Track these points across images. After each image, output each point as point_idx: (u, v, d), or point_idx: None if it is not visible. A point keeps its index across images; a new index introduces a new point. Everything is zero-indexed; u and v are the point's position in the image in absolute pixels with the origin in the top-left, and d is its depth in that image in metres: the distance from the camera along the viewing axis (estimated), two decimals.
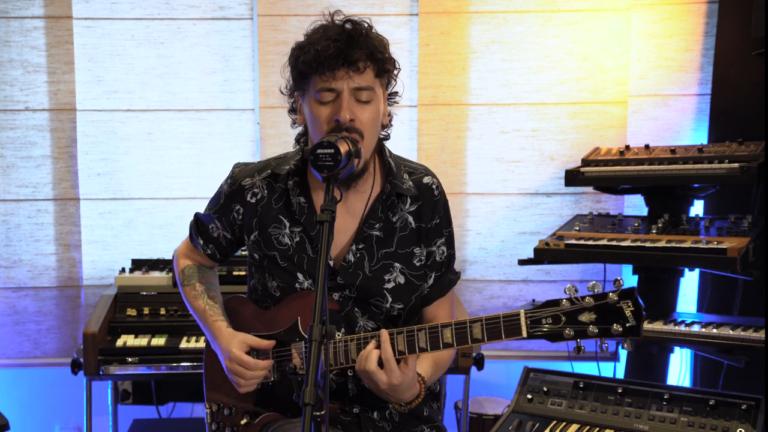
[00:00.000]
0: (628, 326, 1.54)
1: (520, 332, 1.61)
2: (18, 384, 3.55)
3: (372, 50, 1.71)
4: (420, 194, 1.87)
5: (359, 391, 1.87)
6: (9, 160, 3.46)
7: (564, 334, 1.58)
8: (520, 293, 3.51)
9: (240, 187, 1.91)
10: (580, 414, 2.29)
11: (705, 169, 2.73)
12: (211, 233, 2.00)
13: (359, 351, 1.72)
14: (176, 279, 2.09)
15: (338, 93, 1.70)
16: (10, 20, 3.41)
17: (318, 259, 1.50)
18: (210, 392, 2.01)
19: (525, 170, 3.47)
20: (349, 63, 1.68)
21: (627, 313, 1.54)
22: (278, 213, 1.88)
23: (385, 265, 1.85)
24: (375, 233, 1.84)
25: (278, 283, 1.88)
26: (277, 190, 1.88)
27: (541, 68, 3.43)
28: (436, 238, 1.89)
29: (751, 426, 2.08)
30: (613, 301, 1.55)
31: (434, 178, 1.92)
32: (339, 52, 1.67)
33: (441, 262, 1.91)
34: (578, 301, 1.58)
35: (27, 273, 3.50)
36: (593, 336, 1.56)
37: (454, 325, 1.66)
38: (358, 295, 1.85)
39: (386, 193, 1.84)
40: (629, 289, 1.55)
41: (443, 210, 1.91)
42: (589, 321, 1.57)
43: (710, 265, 2.59)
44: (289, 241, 1.87)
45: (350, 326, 1.86)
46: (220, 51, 3.48)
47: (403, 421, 1.91)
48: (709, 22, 3.33)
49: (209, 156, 3.51)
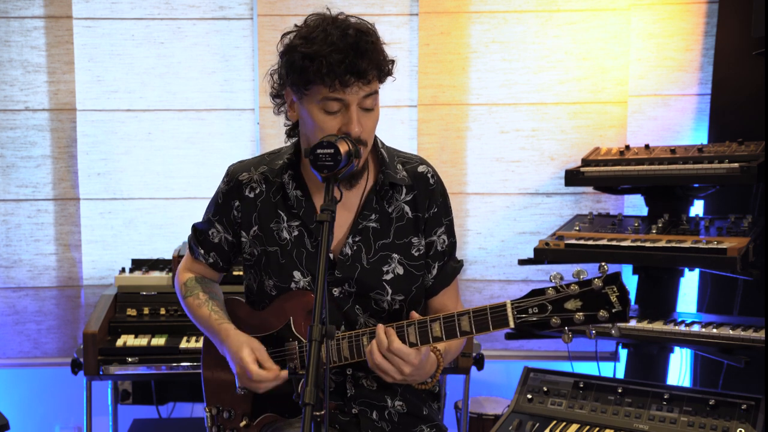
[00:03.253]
0: (614, 312, 1.54)
1: (507, 323, 1.61)
2: (18, 384, 3.55)
3: (379, 61, 1.70)
4: (415, 183, 1.86)
5: (358, 391, 1.87)
6: (9, 160, 3.46)
7: (551, 323, 1.57)
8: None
9: (238, 182, 1.90)
10: (580, 414, 2.29)
11: (705, 169, 2.73)
12: (211, 240, 1.97)
13: (351, 348, 1.72)
14: (178, 294, 2.04)
15: (346, 104, 1.69)
16: (10, 20, 3.41)
17: (318, 257, 1.50)
18: (210, 395, 2.01)
19: (525, 170, 3.47)
20: (360, 76, 1.66)
21: (612, 299, 1.54)
22: (276, 207, 1.87)
23: (383, 256, 1.84)
24: (371, 225, 1.84)
25: (274, 281, 1.86)
26: (273, 184, 1.88)
27: (541, 68, 3.43)
28: (435, 227, 1.88)
29: (751, 426, 2.08)
30: (598, 287, 1.55)
31: (429, 167, 1.90)
32: (351, 67, 1.64)
33: (443, 251, 1.90)
34: (563, 289, 1.57)
35: (27, 273, 3.50)
36: (580, 323, 1.56)
37: (442, 318, 1.66)
38: (357, 290, 1.84)
39: (379, 183, 1.83)
40: (613, 274, 1.54)
41: (441, 198, 1.89)
42: (575, 308, 1.56)
43: (710, 265, 2.59)
44: (288, 235, 1.86)
45: (351, 324, 1.85)
46: (220, 51, 3.49)
47: (403, 421, 1.90)
48: (709, 22, 3.33)
49: (209, 156, 3.51)
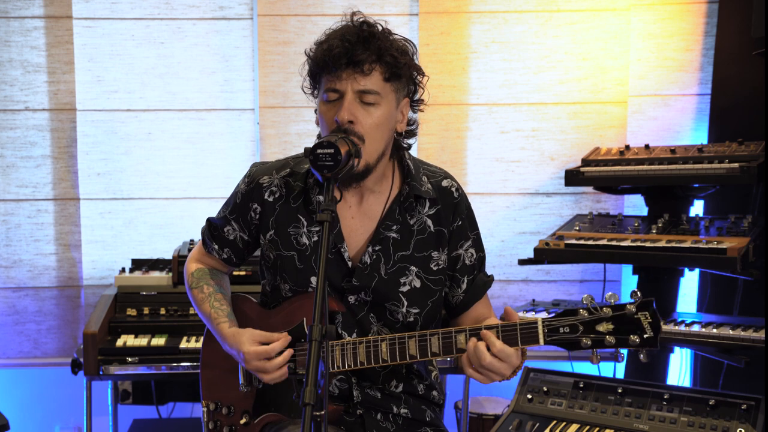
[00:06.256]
0: (646, 337, 1.55)
1: (537, 340, 1.60)
2: (18, 384, 3.55)
3: (381, 52, 1.68)
4: (439, 197, 1.85)
5: (364, 398, 1.87)
6: (9, 160, 3.46)
7: (581, 344, 1.58)
8: (520, 293, 3.52)
9: (258, 185, 1.89)
10: (580, 414, 2.29)
11: (705, 169, 2.73)
12: (226, 236, 1.95)
13: (369, 354, 1.71)
14: (185, 284, 2.03)
15: (342, 94, 1.69)
16: (10, 20, 3.41)
17: (318, 257, 1.50)
18: (207, 391, 2.00)
19: (525, 170, 3.48)
20: (355, 64, 1.67)
21: (645, 325, 1.55)
22: (296, 212, 1.85)
23: (401, 267, 1.83)
24: (392, 235, 1.83)
25: (290, 285, 1.85)
26: (295, 189, 1.86)
27: (541, 68, 3.43)
28: (460, 240, 1.87)
29: (751, 426, 2.08)
30: (631, 312, 1.56)
31: (453, 181, 1.89)
32: (345, 51, 1.66)
33: (471, 266, 1.89)
34: (596, 311, 1.58)
35: (27, 273, 3.50)
36: (610, 346, 1.57)
37: (468, 330, 1.65)
38: (373, 299, 1.83)
39: (404, 195, 1.82)
40: (647, 300, 1.56)
41: (466, 212, 1.88)
42: (606, 331, 1.57)
43: (710, 265, 2.59)
44: (307, 240, 1.84)
45: (364, 332, 1.84)
46: (220, 51, 3.49)
47: (407, 424, 1.91)
48: (709, 22, 3.33)
49: (209, 156, 3.51)
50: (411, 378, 1.92)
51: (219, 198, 3.37)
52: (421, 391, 1.94)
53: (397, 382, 1.90)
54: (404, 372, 1.91)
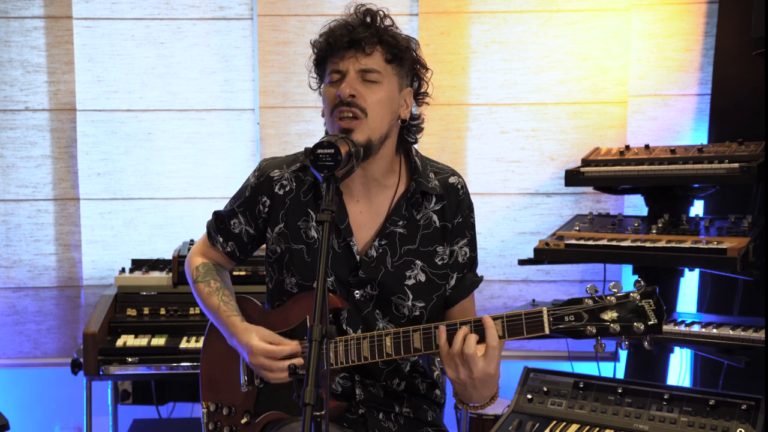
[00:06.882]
0: (650, 324, 1.56)
1: (542, 329, 1.61)
2: (18, 384, 3.55)
3: (381, 34, 1.74)
4: (445, 193, 1.89)
5: (366, 396, 1.88)
6: (9, 160, 3.46)
7: (586, 332, 1.59)
8: (520, 293, 3.52)
9: (268, 178, 1.90)
10: (580, 414, 2.29)
11: (705, 169, 2.73)
12: (232, 229, 1.96)
13: (373, 349, 1.72)
14: (188, 277, 2.04)
15: (344, 74, 1.74)
16: (10, 20, 3.41)
17: (318, 257, 1.50)
18: (207, 391, 2.00)
19: (525, 170, 3.47)
20: (356, 44, 1.72)
21: (649, 312, 1.56)
22: (306, 206, 1.87)
23: (407, 261, 1.85)
24: (398, 230, 1.85)
25: (297, 279, 1.86)
26: (305, 183, 1.88)
27: (541, 68, 3.43)
28: (458, 237, 1.90)
29: (751, 426, 2.08)
30: (635, 299, 1.57)
31: (460, 179, 1.94)
32: (347, 32, 1.72)
33: (463, 264, 1.91)
34: (600, 300, 1.59)
35: (27, 273, 3.50)
36: (615, 334, 1.58)
37: (473, 322, 1.65)
38: (379, 293, 1.84)
39: (411, 191, 1.85)
40: (651, 289, 1.58)
41: (467, 210, 1.92)
42: (611, 319, 1.58)
43: (710, 265, 2.59)
44: (316, 234, 1.86)
45: (369, 329, 1.85)
46: (220, 51, 3.49)
47: (408, 423, 1.91)
48: (709, 22, 3.33)
49: (209, 156, 3.51)
50: (414, 376, 1.93)
51: (219, 198, 3.38)
52: (423, 390, 1.95)
53: (399, 379, 1.90)
54: (407, 370, 1.91)
